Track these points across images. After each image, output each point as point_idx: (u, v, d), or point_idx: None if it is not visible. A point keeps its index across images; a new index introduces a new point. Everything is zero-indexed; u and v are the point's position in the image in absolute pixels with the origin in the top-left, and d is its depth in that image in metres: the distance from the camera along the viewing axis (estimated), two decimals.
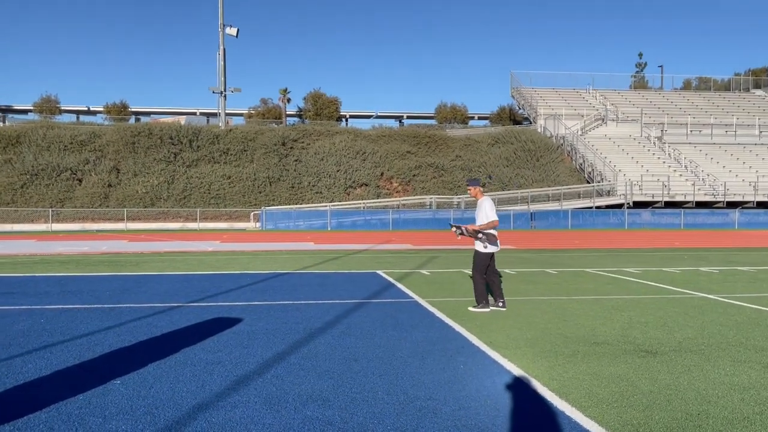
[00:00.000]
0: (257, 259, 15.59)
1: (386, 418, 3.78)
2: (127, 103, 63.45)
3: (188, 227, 35.78)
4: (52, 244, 21.60)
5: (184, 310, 7.65)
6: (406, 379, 4.61)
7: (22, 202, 36.73)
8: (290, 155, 44.97)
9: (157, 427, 3.59)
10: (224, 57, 48.52)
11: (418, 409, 3.94)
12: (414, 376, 4.71)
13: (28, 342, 5.81)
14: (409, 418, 3.77)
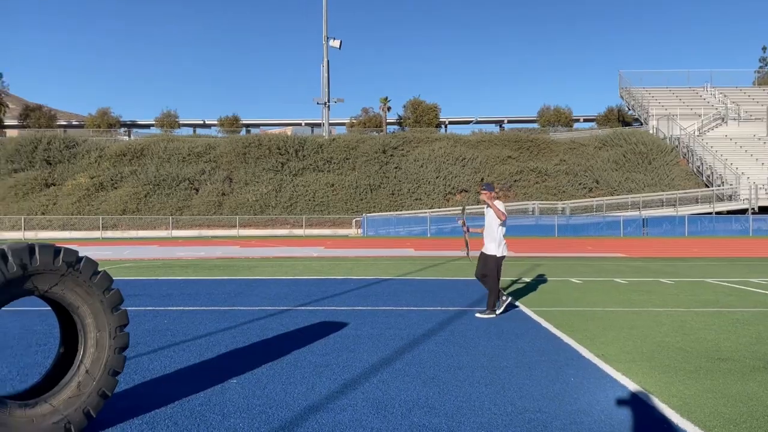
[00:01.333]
0: (359, 264, 15.88)
1: (494, 429, 3.72)
2: (238, 116, 66.93)
3: (295, 233, 37.11)
4: (172, 249, 23.16)
5: (293, 313, 7.93)
6: (513, 390, 4.52)
7: (146, 210, 39.66)
8: (390, 162, 45.54)
9: (272, 426, 3.74)
10: (328, 69, 50.03)
11: (527, 422, 3.84)
12: (521, 387, 4.61)
13: (153, 341, 6.25)
14: (518, 431, 3.69)
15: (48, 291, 3.43)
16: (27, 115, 65.95)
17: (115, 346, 3.70)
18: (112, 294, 3.69)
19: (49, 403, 3.44)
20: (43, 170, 43.50)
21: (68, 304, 3.55)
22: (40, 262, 3.32)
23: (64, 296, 3.51)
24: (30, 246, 3.32)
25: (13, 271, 3.20)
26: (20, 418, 3.25)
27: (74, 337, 3.73)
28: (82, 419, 3.52)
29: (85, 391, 3.56)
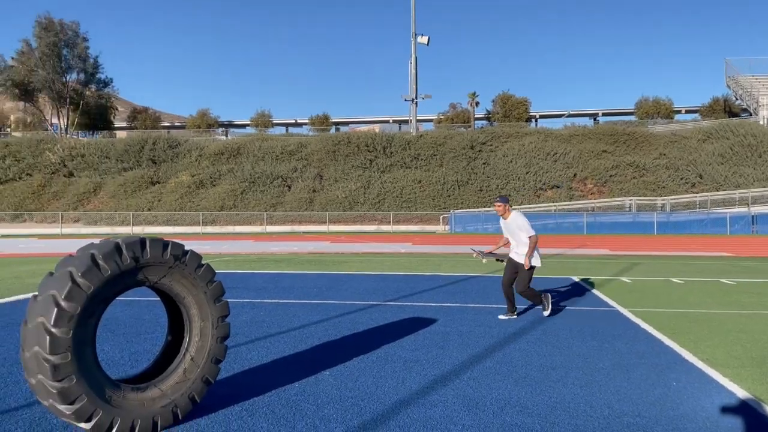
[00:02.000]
0: (447, 261, 15.82)
1: (589, 430, 3.61)
2: (328, 114, 68.41)
3: (383, 230, 37.49)
4: (266, 244, 24.04)
5: (382, 309, 8.03)
6: (610, 393, 4.35)
7: (242, 207, 41.35)
8: (478, 158, 44.99)
9: (364, 418, 3.81)
10: (416, 65, 50.09)
11: (626, 426, 3.70)
12: (619, 390, 4.43)
13: (251, 332, 6.52)
14: None
15: (157, 282, 3.66)
16: (134, 118, 70.55)
17: (218, 336, 3.90)
18: (214, 286, 3.89)
19: (159, 387, 3.67)
20: (149, 169, 46.37)
21: (175, 295, 3.78)
22: (151, 254, 3.55)
23: (172, 287, 3.73)
24: (142, 240, 3.56)
25: (127, 263, 3.44)
26: (133, 400, 3.50)
27: (180, 327, 3.96)
28: (188, 404, 3.74)
29: (191, 378, 3.78)
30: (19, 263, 15.21)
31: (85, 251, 3.43)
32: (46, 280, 3.37)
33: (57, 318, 3.16)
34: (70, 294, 3.20)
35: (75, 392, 3.21)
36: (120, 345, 5.83)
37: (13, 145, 49.11)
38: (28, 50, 59.88)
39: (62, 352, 3.17)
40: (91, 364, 3.33)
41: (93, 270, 3.29)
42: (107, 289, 3.37)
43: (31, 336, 3.23)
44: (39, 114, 66.64)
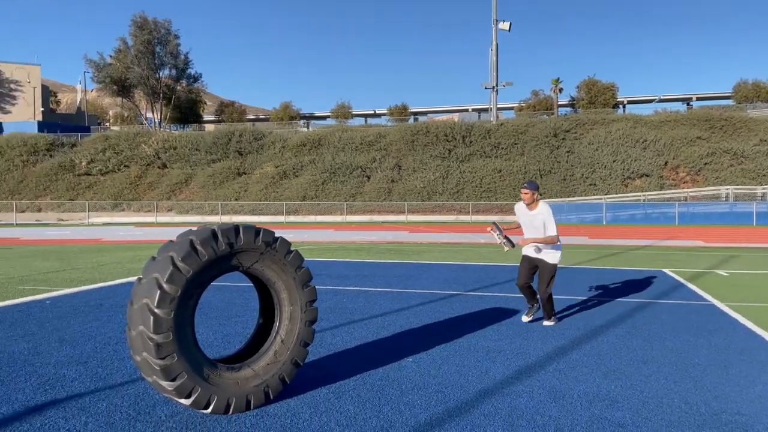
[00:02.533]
0: None
1: (685, 428, 3.46)
2: (407, 104, 68.51)
3: (461, 220, 37.23)
4: (347, 234, 24.45)
5: (463, 298, 8.00)
6: (707, 390, 4.15)
7: (323, 197, 42.21)
8: (562, 147, 43.71)
9: (448, 406, 3.83)
10: (496, 52, 49.18)
11: (724, 424, 3.52)
12: (716, 386, 4.22)
13: (334, 318, 6.68)
14: None
15: (250, 267, 3.82)
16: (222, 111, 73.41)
17: (306, 320, 4.03)
18: (303, 272, 4.01)
19: (251, 368, 3.84)
20: (235, 160, 48.15)
21: (266, 280, 3.93)
22: (244, 241, 3.71)
23: (263, 272, 3.88)
24: (236, 227, 3.72)
25: (222, 248, 3.61)
26: (228, 379, 3.68)
27: (271, 311, 4.12)
28: (278, 384, 3.89)
29: (281, 360, 3.92)
30: (120, 249, 16.23)
31: (184, 237, 3.63)
32: (149, 264, 3.60)
33: (160, 299, 3.37)
34: (171, 277, 3.40)
35: (176, 369, 3.41)
36: (213, 327, 6.13)
37: (112, 139, 52.31)
38: (124, 48, 63.47)
39: (165, 332, 3.38)
40: (190, 343, 3.53)
41: (192, 255, 3.48)
42: (205, 273, 3.55)
43: (136, 316, 3.46)
44: (135, 109, 70.61)
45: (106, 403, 3.83)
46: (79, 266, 11.83)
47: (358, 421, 3.55)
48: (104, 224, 35.45)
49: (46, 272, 10.78)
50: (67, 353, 5.06)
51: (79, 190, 46.54)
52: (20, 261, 12.89)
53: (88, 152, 50.03)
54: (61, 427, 3.43)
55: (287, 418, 3.60)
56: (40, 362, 4.78)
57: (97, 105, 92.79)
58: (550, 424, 3.52)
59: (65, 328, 6.03)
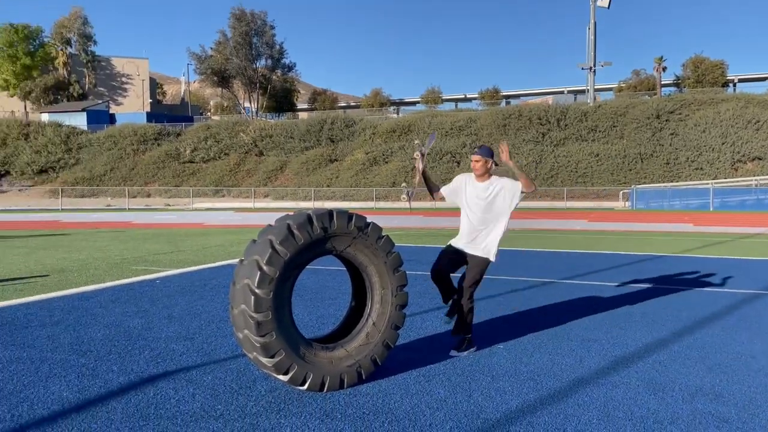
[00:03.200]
0: (628, 239, 14.88)
1: None
2: (498, 88, 67.22)
3: (555, 206, 36.22)
4: (437, 219, 24.44)
5: (557, 286, 7.81)
6: None
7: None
8: (665, 129, 41.38)
9: (540, 393, 3.78)
10: (594, 31, 47.14)
11: None
12: None
13: (425, 302, 6.73)
14: None
15: (343, 251, 3.93)
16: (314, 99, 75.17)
17: (397, 303, 4.10)
18: (393, 256, 4.08)
19: (345, 348, 3.96)
20: (327, 147, 49.28)
21: (359, 264, 4.03)
22: (338, 225, 3.82)
23: (356, 256, 3.98)
24: (330, 212, 3.84)
25: (317, 233, 3.73)
26: (323, 358, 3.82)
27: (363, 294, 4.22)
28: (370, 365, 3.99)
29: (372, 341, 4.02)
30: (222, 233, 17.10)
31: (282, 222, 3.79)
32: (250, 246, 3.79)
33: (260, 280, 3.54)
34: (270, 259, 3.57)
35: (275, 347, 3.58)
36: (308, 309, 6.35)
37: (213, 128, 54.96)
38: (224, 40, 66.30)
39: (264, 311, 3.55)
40: (288, 323, 3.69)
41: (289, 239, 3.63)
42: (301, 256, 3.70)
43: (238, 295, 3.66)
44: (234, 99, 73.70)
45: (211, 377, 4.09)
46: (185, 248, 12.58)
47: (449, 405, 3.58)
48: (206, 209, 37.41)
49: (155, 254, 11.56)
50: (175, 329, 5.42)
51: (183, 177, 49.33)
52: (133, 243, 13.89)
53: (192, 141, 52.87)
54: (171, 397, 3.70)
55: (379, 398, 3.69)
56: (152, 337, 5.16)
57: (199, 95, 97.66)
58: (648, 416, 3.40)
59: (173, 306, 6.46)
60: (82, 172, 51.06)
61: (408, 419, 3.37)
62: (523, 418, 3.39)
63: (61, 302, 6.66)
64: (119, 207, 40.17)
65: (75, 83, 76.52)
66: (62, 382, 3.96)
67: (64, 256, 11.01)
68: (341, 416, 3.42)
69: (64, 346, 4.86)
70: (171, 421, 3.33)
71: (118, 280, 8.24)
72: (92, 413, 3.44)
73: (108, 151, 53.48)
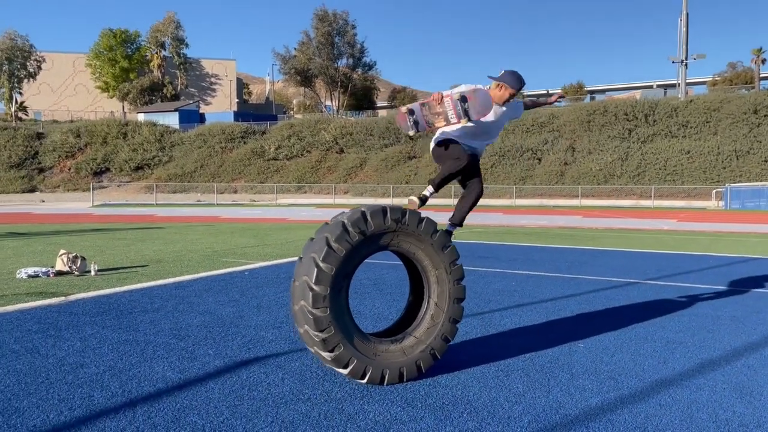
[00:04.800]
0: (720, 240, 14.18)
1: None
2: (583, 83, 65.29)
3: (641, 205, 34.83)
4: (515, 217, 24.13)
5: (641, 287, 7.62)
6: None
7: (491, 180, 41.91)
8: (763, 124, 38.87)
9: (621, 392, 3.77)
10: (687, 22, 44.86)
11: None
12: None
13: (502, 300, 6.76)
14: None
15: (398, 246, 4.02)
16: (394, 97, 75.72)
17: (453, 279, 4.16)
18: (449, 250, 4.14)
19: (413, 335, 4.08)
20: (406, 144, 49.56)
21: (414, 258, 4.13)
22: (391, 221, 3.92)
23: (410, 250, 4.07)
24: (383, 209, 3.95)
25: (372, 229, 3.87)
26: (382, 351, 3.90)
27: (419, 280, 4.31)
28: (442, 345, 4.10)
29: (438, 321, 4.12)
30: (303, 228, 17.67)
31: (337, 219, 3.95)
32: (308, 244, 3.97)
33: (317, 277, 3.71)
34: (326, 257, 3.73)
35: (334, 341, 3.74)
36: (366, 303, 6.53)
37: (296, 126, 56.52)
38: (307, 41, 68.01)
39: (322, 307, 3.72)
40: (346, 317, 3.84)
41: (344, 236, 3.78)
42: (356, 253, 3.84)
43: (297, 292, 3.84)
44: (316, 97, 75.43)
45: (298, 363, 4.34)
46: (270, 242, 13.12)
47: (527, 399, 3.65)
48: (289, 205, 38.59)
49: (243, 247, 12.13)
50: (264, 318, 5.74)
51: (268, 174, 51.06)
52: (222, 237, 14.62)
53: (276, 139, 54.59)
54: (263, 380, 3.96)
55: (458, 390, 3.81)
56: (243, 324, 5.49)
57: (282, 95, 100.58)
58: (734, 419, 3.34)
59: (262, 296, 6.82)
60: (175, 169, 53.86)
61: (487, 411, 3.47)
62: (603, 415, 3.41)
63: (160, 290, 7.17)
64: (208, 202, 42.10)
65: (168, 84, 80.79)
66: (165, 363, 4.32)
67: (160, 248, 11.76)
68: (422, 405, 3.56)
69: (165, 330, 5.27)
70: (263, 402, 3.58)
71: (210, 270, 8.75)
72: (193, 392, 3.75)
73: (198, 149, 56.12)
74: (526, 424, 3.28)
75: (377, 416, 3.39)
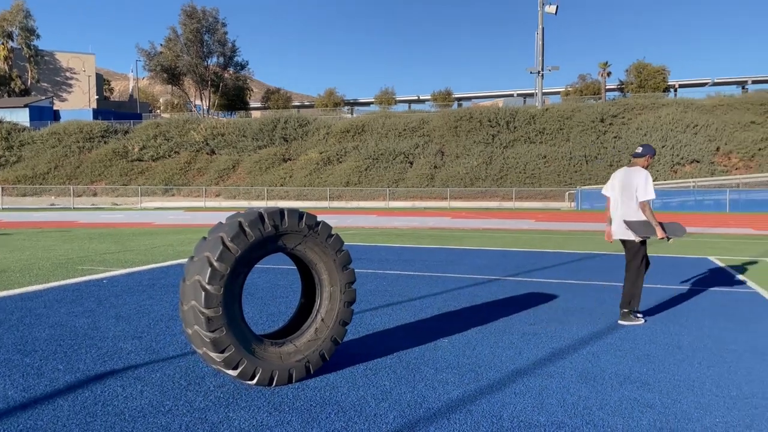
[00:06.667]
0: (572, 238, 15.41)
1: (714, 410, 3.53)
2: (451, 90, 68.06)
3: (504, 206, 36.98)
4: (389, 219, 24.67)
5: (502, 283, 8.09)
6: (741, 375, 4.18)
7: (366, 183, 42.52)
8: (609, 132, 42.81)
9: (480, 384, 3.98)
10: (542, 36, 48.30)
11: (753, 407, 3.57)
12: (750, 372, 4.24)
13: (375, 300, 6.88)
14: (741, 414, 3.45)
15: (293, 249, 4.03)
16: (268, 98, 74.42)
17: (345, 300, 4.22)
18: (343, 254, 4.20)
19: (294, 344, 4.06)
20: (281, 146, 48.92)
21: (308, 261, 4.14)
22: (288, 224, 3.91)
23: (306, 254, 4.09)
24: (281, 210, 3.93)
25: (269, 230, 3.82)
26: (272, 353, 3.91)
27: (312, 291, 4.33)
28: (319, 360, 4.10)
29: (321, 337, 4.14)
30: (171, 233, 16.85)
31: (233, 219, 3.86)
32: (201, 243, 3.85)
33: (211, 276, 3.61)
34: (221, 256, 3.64)
35: (225, 342, 3.66)
36: (258, 306, 6.41)
37: (163, 126, 53.78)
38: (174, 37, 64.96)
39: (215, 306, 3.62)
40: (238, 318, 3.77)
41: (240, 236, 3.71)
42: (251, 253, 3.78)
43: (188, 291, 3.71)
44: (184, 96, 72.27)
45: (159, 374, 4.13)
46: (132, 248, 12.38)
47: (393, 396, 3.73)
48: (156, 209, 36.65)
49: (102, 253, 11.34)
50: (123, 328, 5.40)
51: (131, 176, 48.12)
52: (78, 243, 13.56)
53: (140, 139, 51.61)
54: (119, 394, 3.73)
55: (326, 391, 3.81)
56: (99, 336, 5.13)
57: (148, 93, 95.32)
58: (579, 403, 3.64)
59: (121, 306, 6.41)
60: (24, 170, 49.19)
61: (354, 410, 3.50)
62: (464, 406, 3.57)
63: (2, 303, 6.51)
64: (64, 206, 38.91)
65: (17, 78, 73.70)
66: (6, 381, 3.93)
67: (5, 256, 10.70)
68: (289, 408, 3.52)
69: (7, 345, 4.80)
70: (119, 417, 3.37)
71: (63, 280, 8.09)
72: (38, 411, 3.44)
73: (52, 148, 51.67)
74: (392, 420, 3.36)
75: (243, 424, 3.31)
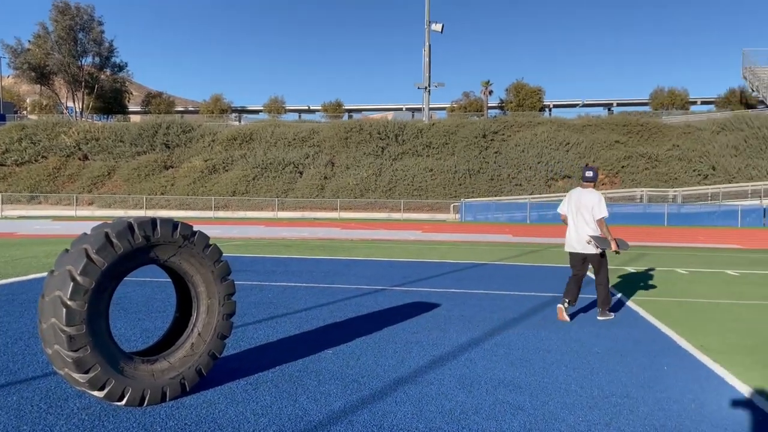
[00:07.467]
0: (456, 249, 15.96)
1: (578, 409, 3.77)
2: (341, 101, 68.46)
3: (393, 217, 37.65)
4: (277, 230, 24.29)
5: (388, 293, 8.20)
6: (602, 375, 4.51)
7: (254, 192, 41.65)
8: (490, 147, 44.93)
9: (362, 394, 3.99)
10: (429, 53, 49.93)
11: (613, 405, 3.86)
12: (611, 372, 4.59)
13: (258, 312, 6.72)
14: (602, 413, 3.71)
15: (167, 260, 3.84)
16: (149, 102, 70.97)
17: (224, 313, 4.09)
18: (221, 265, 4.07)
19: (167, 360, 3.87)
20: (162, 153, 46.75)
21: (184, 273, 3.96)
22: (161, 234, 3.73)
23: (181, 266, 3.91)
24: (153, 220, 3.74)
25: (139, 241, 3.62)
26: (143, 372, 3.70)
27: (188, 304, 4.15)
28: (195, 376, 3.93)
29: (198, 352, 3.97)
30: (36, 244, 15.55)
31: (99, 230, 3.62)
32: (62, 256, 3.56)
33: (73, 292, 3.35)
34: (85, 269, 3.39)
35: (89, 362, 3.41)
36: (132, 322, 6.05)
37: (29, 128, 49.65)
38: (44, 34, 60.37)
39: (77, 324, 3.36)
40: (104, 336, 3.53)
41: (107, 247, 3.48)
42: (120, 266, 3.56)
43: (48, 308, 3.42)
44: (55, 97, 67.24)
45: (16, 397, 3.77)
46: None
47: (274, 410, 3.65)
48: (19, 217, 33.69)
49: None
50: None
51: None
52: None
53: (3, 142, 47.34)
54: None
55: (203, 409, 3.66)
56: None
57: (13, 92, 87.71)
58: (456, 408, 3.75)
59: None
60: None
61: (231, 426, 3.39)
62: (345, 417, 3.56)
63: None
64: None
65: None
66: None
67: None
68: (161, 428, 3.34)
69: None
70: None
71: None
72: None
73: None
74: None
75: None
